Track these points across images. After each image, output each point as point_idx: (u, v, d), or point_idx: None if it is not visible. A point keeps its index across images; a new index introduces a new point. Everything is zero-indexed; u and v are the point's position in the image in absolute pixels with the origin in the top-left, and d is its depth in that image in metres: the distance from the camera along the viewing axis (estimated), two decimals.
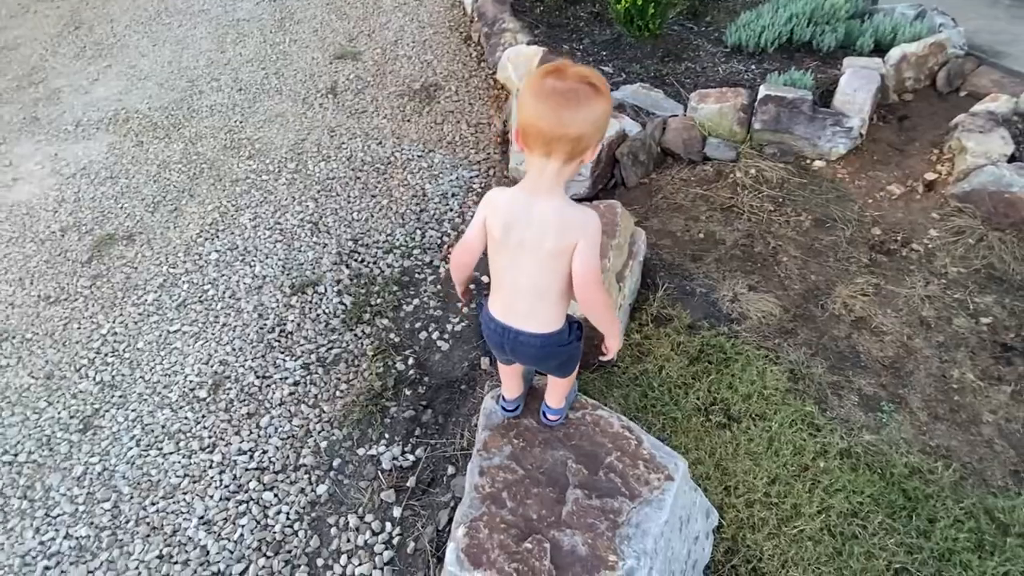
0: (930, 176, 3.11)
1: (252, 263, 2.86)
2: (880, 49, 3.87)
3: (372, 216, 3.08)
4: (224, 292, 2.73)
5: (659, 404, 2.20)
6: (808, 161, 3.28)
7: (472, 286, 1.62)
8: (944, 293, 2.59)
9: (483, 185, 3.26)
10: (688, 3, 4.10)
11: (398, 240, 2.94)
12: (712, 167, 3.25)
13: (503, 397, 1.72)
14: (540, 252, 1.30)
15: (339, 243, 2.93)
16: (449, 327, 2.51)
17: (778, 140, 3.32)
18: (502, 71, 3.96)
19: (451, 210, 3.10)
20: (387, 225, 3.03)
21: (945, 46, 3.64)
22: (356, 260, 2.84)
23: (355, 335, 2.50)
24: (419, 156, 3.47)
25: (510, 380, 1.68)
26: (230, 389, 2.34)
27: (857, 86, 3.30)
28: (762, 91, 3.28)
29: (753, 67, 3.88)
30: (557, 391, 1.65)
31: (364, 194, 3.22)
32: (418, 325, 2.53)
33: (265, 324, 2.57)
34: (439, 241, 2.92)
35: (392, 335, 2.50)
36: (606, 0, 3.99)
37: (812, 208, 3.02)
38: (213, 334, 2.55)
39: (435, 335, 2.48)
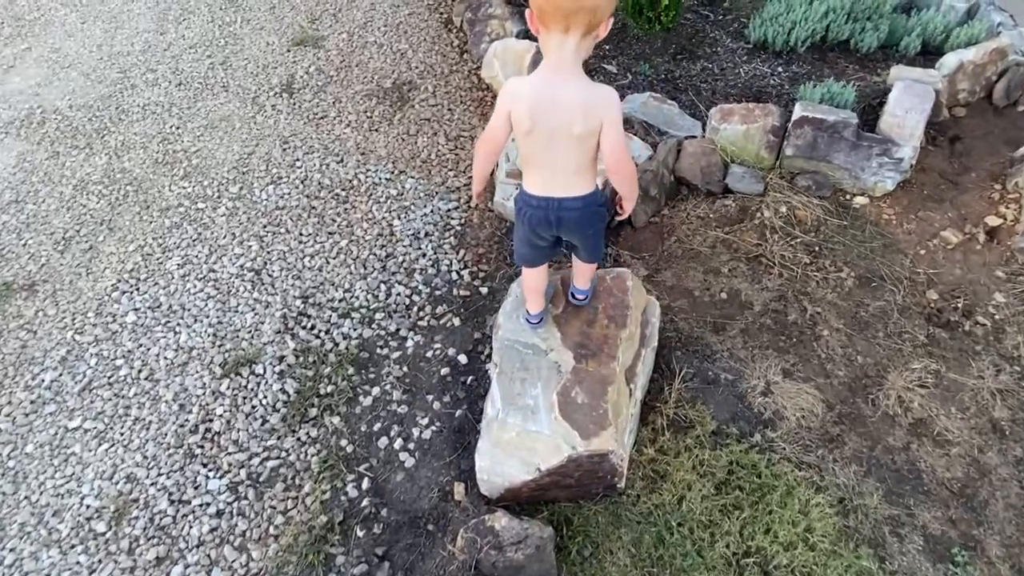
0: (992, 221, 2.56)
1: (177, 328, 2.28)
2: (927, 51, 3.26)
3: (328, 263, 2.49)
4: (140, 371, 2.16)
5: (679, 555, 1.70)
6: (848, 197, 2.71)
7: (487, 192, 1.79)
8: (1019, 386, 2.09)
9: (462, 221, 2.66)
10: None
11: (357, 299, 2.36)
12: (735, 202, 2.68)
13: (527, 311, 1.83)
14: (570, 137, 1.35)
15: (285, 301, 2.35)
16: (416, 431, 1.97)
17: (813, 169, 2.74)
18: (487, 69, 3.30)
19: (424, 256, 2.52)
20: (345, 276, 2.44)
21: (1006, 52, 3.03)
22: (304, 327, 2.27)
23: (298, 440, 1.96)
24: (387, 180, 2.85)
25: (534, 295, 1.78)
26: (136, 519, 1.81)
27: (909, 106, 2.70)
28: (797, 111, 2.67)
29: (780, 69, 3.26)
30: (584, 274, 1.80)
31: (319, 231, 2.62)
32: (377, 427, 1.99)
33: (187, 420, 2.02)
34: (408, 302, 2.35)
35: (344, 441, 1.96)
36: None
37: (855, 261, 2.47)
38: (121, 434, 2.00)
39: (398, 443, 1.94)
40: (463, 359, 2.14)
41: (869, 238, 2.55)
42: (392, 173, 2.88)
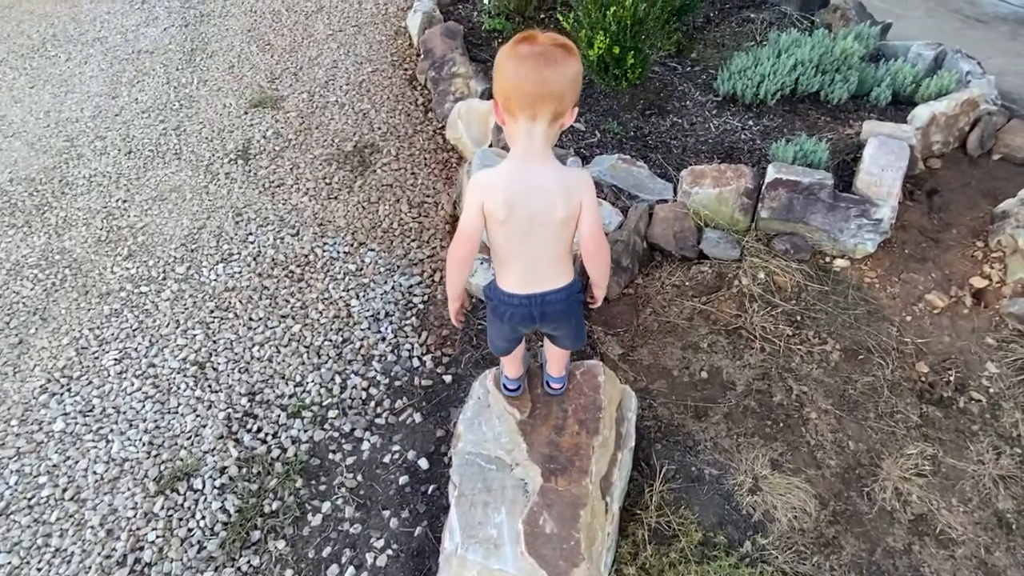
0: (978, 283, 2.43)
1: (109, 436, 2.04)
2: (898, 100, 3.17)
3: (278, 352, 2.28)
4: (65, 490, 1.92)
5: None
6: (828, 260, 2.57)
7: (467, 307, 1.55)
8: (1021, 470, 1.92)
9: (425, 298, 2.47)
10: (674, 46, 3.32)
11: (309, 393, 2.14)
12: (711, 268, 2.52)
13: (506, 377, 1.72)
14: (553, 221, 1.29)
15: (230, 400, 2.13)
16: (370, 557, 1.74)
17: (790, 231, 2.60)
18: (452, 130, 3.15)
19: (383, 340, 2.32)
20: (297, 367, 2.23)
21: (978, 103, 2.95)
22: (249, 430, 2.04)
23: (237, 570, 1.72)
24: (345, 253, 2.66)
25: (512, 363, 1.68)
26: None
27: (885, 163, 2.58)
28: (770, 172, 2.54)
29: (751, 123, 3.14)
30: (559, 361, 1.68)
31: (271, 314, 2.41)
32: (327, 552, 1.76)
33: (114, 550, 1.78)
34: (364, 396, 2.14)
35: (288, 572, 1.72)
36: (575, 36, 3.19)
37: (839, 331, 2.31)
38: (39, 570, 1.75)
39: (349, 572, 1.71)
40: (424, 464, 1.93)
41: (852, 304, 2.40)
42: (351, 246, 2.68)
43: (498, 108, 1.24)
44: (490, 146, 2.94)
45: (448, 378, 2.18)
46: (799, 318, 2.35)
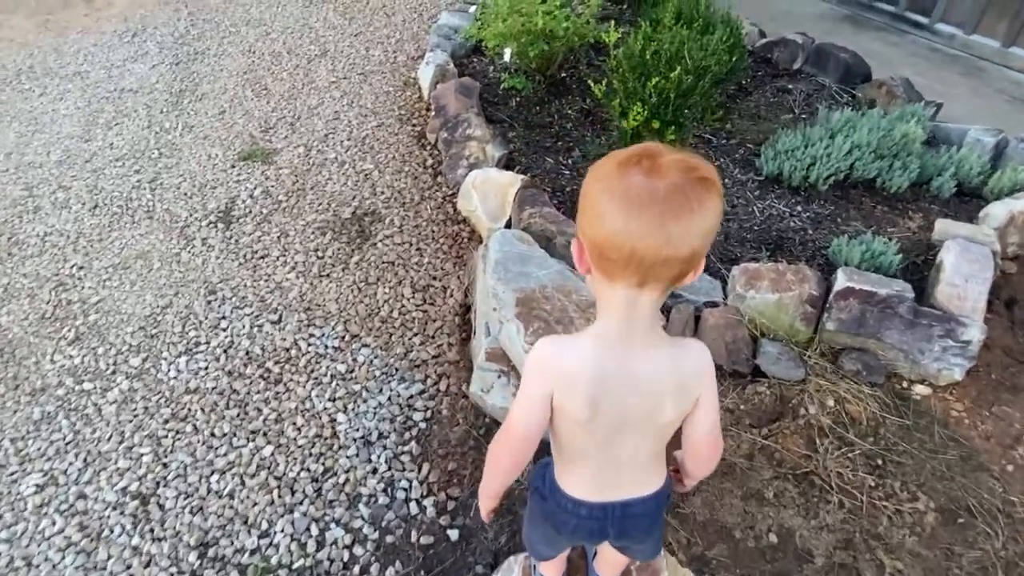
0: None
1: None
2: (961, 192, 2.80)
3: (243, 485, 1.79)
4: None
5: None
6: (905, 385, 2.14)
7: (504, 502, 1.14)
8: None
9: (428, 415, 2.00)
10: (718, 122, 2.94)
11: (277, 548, 1.65)
12: (769, 389, 2.08)
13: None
14: (655, 424, 0.90)
15: (175, 554, 1.63)
16: None
17: (859, 346, 2.17)
18: (465, 200, 2.73)
19: (374, 472, 1.84)
20: (264, 508, 1.74)
21: None
22: None
23: None
24: (335, 349, 2.19)
25: (554, 568, 1.29)
26: None
27: (968, 273, 2.18)
28: (841, 279, 2.13)
29: (799, 208, 2.75)
30: (617, 568, 1.31)
31: (238, 429, 1.93)
32: None
33: None
34: (346, 557, 1.65)
35: None
36: (604, 103, 2.82)
37: (931, 483, 1.87)
38: None
39: None
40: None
41: (940, 446, 1.96)
42: (342, 339, 2.22)
43: (582, 254, 0.81)
44: (509, 224, 2.52)
45: (454, 534, 1.70)
46: (880, 462, 1.91)
